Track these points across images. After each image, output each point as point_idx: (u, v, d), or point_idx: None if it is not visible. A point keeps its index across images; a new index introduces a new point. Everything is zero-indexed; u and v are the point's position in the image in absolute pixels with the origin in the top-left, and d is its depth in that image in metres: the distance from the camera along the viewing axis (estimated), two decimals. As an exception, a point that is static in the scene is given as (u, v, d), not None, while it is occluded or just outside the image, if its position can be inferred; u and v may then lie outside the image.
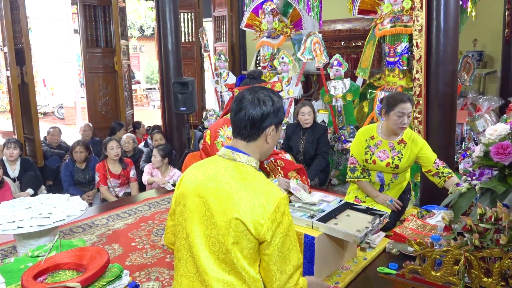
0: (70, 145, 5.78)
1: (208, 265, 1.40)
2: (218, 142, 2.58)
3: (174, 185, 3.92)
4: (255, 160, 1.49)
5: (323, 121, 4.81)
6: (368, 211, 2.32)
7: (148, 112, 13.47)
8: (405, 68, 4.10)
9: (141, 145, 5.73)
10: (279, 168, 2.64)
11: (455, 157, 3.49)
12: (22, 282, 1.66)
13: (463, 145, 4.20)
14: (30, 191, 4.46)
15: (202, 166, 1.53)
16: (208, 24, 8.77)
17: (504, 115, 4.43)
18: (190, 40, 7.41)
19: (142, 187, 4.57)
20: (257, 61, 5.94)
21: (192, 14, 7.35)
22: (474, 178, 1.87)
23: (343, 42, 6.36)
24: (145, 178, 4.34)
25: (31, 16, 10.97)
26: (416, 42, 3.30)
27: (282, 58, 4.70)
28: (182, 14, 7.14)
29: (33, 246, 2.28)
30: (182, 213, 1.49)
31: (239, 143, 1.49)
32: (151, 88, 16.36)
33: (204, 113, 5.58)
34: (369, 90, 4.53)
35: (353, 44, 6.25)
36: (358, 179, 2.88)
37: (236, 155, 1.47)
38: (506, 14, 5.47)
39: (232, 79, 5.40)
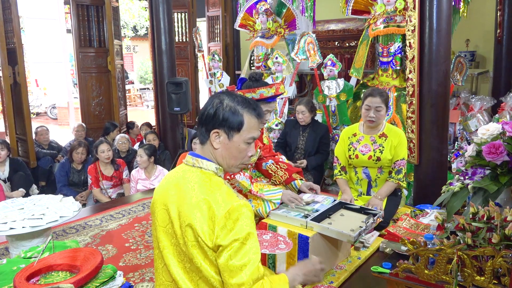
0: (62, 145, 5.76)
1: (178, 275, 1.38)
2: None
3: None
4: (214, 165, 1.44)
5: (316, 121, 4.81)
6: (362, 210, 2.34)
7: (142, 112, 13.42)
8: (398, 68, 4.13)
9: (136, 146, 5.70)
10: (283, 170, 2.64)
11: (448, 156, 3.51)
12: (15, 283, 1.65)
13: (456, 144, 4.21)
14: (22, 190, 4.41)
15: (169, 174, 1.51)
16: (202, 24, 8.75)
17: (496, 115, 4.47)
18: (184, 40, 7.39)
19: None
20: (251, 61, 5.93)
21: (186, 14, 7.32)
22: (466, 177, 1.88)
23: (336, 42, 6.38)
24: (133, 191, 4.33)
25: (23, 16, 10.89)
26: (409, 42, 3.32)
27: (276, 58, 4.70)
28: (175, 14, 7.11)
29: (25, 247, 2.26)
30: (153, 223, 1.48)
31: (199, 145, 1.49)
32: (144, 88, 16.32)
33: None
34: (363, 90, 4.54)
35: (347, 44, 6.27)
36: (336, 177, 3.05)
37: (195, 161, 1.44)
38: (498, 14, 5.51)
39: (226, 79, 5.39)
